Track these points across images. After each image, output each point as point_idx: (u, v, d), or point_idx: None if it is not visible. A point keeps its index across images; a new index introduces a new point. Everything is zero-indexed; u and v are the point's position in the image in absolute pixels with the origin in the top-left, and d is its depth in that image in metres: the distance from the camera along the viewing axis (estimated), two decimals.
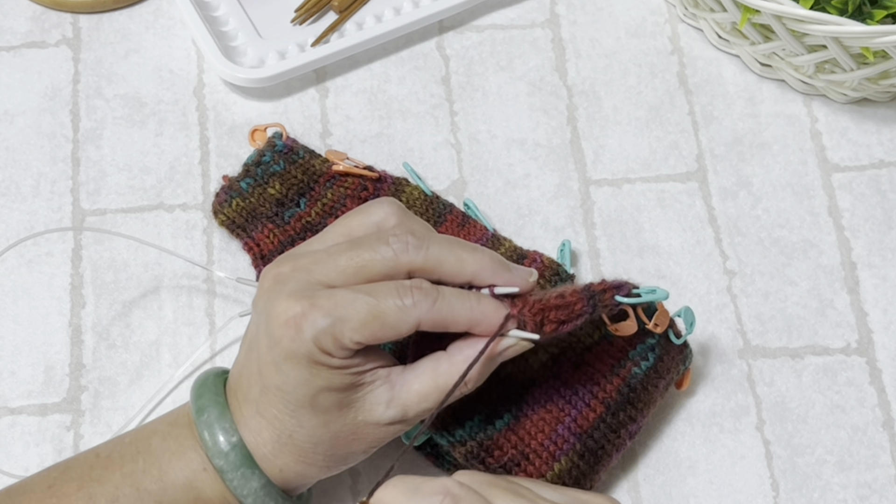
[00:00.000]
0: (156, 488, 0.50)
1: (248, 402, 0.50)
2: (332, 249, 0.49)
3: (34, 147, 0.68)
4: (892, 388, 0.63)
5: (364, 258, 0.48)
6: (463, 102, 0.71)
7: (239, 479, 0.50)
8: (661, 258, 0.66)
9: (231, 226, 0.64)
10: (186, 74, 0.71)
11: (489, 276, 0.50)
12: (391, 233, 0.49)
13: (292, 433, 0.49)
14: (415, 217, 0.52)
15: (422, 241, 0.49)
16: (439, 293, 0.48)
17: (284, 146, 0.66)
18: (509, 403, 0.54)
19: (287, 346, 0.47)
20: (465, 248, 0.50)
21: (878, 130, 0.71)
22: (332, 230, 0.52)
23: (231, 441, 0.50)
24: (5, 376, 0.62)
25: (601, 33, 0.73)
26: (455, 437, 0.53)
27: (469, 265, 0.49)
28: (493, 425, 0.54)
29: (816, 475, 0.60)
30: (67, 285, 0.64)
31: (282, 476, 0.50)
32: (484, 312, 0.49)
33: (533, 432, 0.54)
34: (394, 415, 0.49)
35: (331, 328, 0.47)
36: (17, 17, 0.72)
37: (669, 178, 0.69)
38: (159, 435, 0.52)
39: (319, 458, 0.50)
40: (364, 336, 0.47)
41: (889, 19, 0.66)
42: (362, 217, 0.52)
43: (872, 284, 0.66)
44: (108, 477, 0.50)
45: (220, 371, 0.53)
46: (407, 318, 0.47)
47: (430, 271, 0.49)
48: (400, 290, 0.48)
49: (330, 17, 0.73)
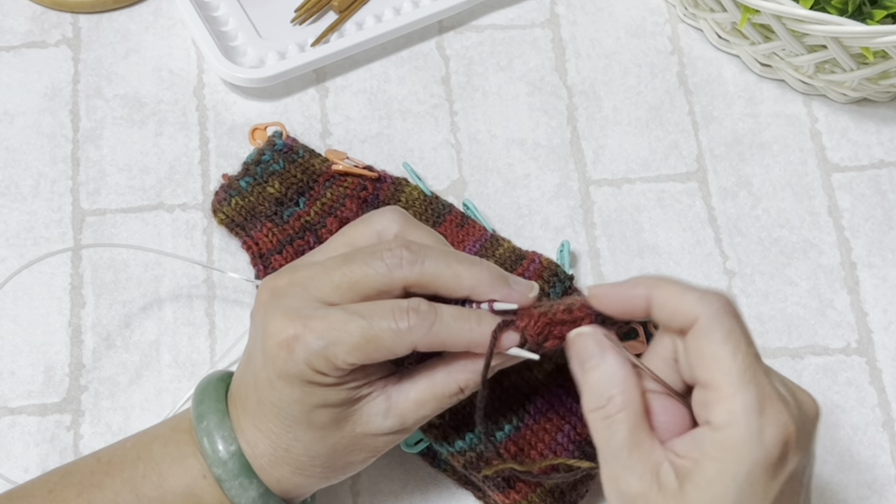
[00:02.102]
0: (155, 494, 0.50)
1: (246, 415, 0.50)
2: (328, 263, 0.49)
3: (34, 147, 0.68)
4: (892, 388, 0.63)
5: (357, 274, 0.47)
6: (463, 102, 0.71)
7: (237, 488, 0.49)
8: (661, 258, 0.66)
9: (230, 224, 0.64)
10: (186, 74, 0.71)
11: (487, 291, 0.48)
12: (385, 247, 0.48)
13: (289, 447, 0.49)
14: (418, 226, 0.51)
15: (417, 255, 0.48)
16: (437, 316, 0.47)
17: (284, 145, 0.66)
18: (511, 414, 0.54)
19: (280, 366, 0.47)
20: (463, 262, 0.48)
21: (878, 130, 0.71)
22: (335, 241, 0.51)
23: (230, 450, 0.49)
24: (5, 376, 0.62)
25: (601, 33, 0.73)
26: (455, 447, 0.53)
27: (466, 280, 0.48)
28: (494, 437, 0.53)
29: (816, 475, 0.60)
30: (67, 285, 0.64)
31: (280, 486, 0.50)
32: (484, 335, 0.47)
33: (533, 441, 0.54)
34: (392, 425, 0.49)
35: (323, 351, 0.46)
36: (17, 17, 0.72)
37: (669, 178, 0.69)
38: (161, 440, 0.51)
39: (318, 469, 0.50)
40: (357, 358, 0.46)
41: (889, 19, 0.65)
42: (364, 227, 0.51)
43: (872, 284, 0.66)
44: (108, 482, 0.50)
45: (223, 375, 0.53)
46: (401, 341, 0.46)
47: (426, 286, 0.48)
48: (396, 312, 0.47)
49: (330, 17, 0.73)
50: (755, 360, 0.44)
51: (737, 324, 0.44)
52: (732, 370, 0.43)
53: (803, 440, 0.44)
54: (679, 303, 0.45)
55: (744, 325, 0.45)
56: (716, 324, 0.44)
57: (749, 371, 0.43)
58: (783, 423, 0.43)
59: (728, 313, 0.44)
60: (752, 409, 0.42)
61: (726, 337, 0.44)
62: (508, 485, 0.54)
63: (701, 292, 0.45)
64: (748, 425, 0.42)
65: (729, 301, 0.45)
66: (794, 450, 0.43)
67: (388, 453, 0.59)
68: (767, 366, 0.45)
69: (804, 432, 0.44)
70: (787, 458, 0.43)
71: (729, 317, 0.44)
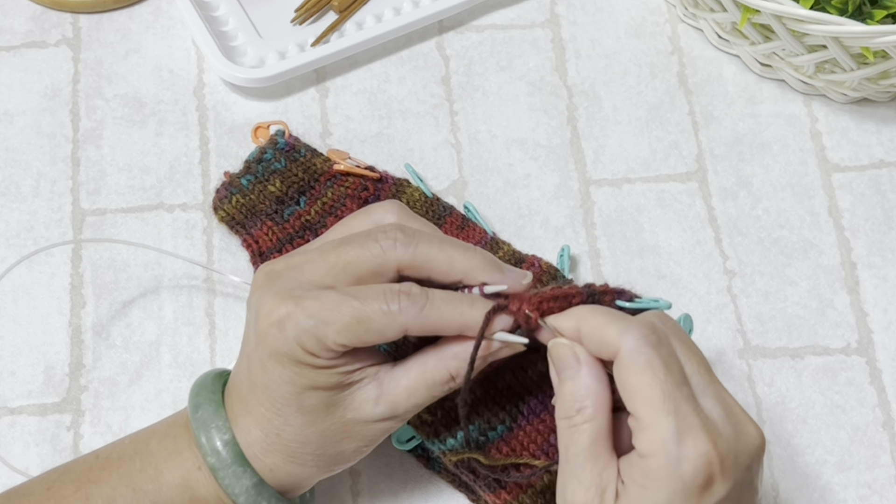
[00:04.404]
0: (151, 488, 0.50)
1: (240, 400, 0.50)
2: (325, 247, 0.49)
3: (34, 147, 0.68)
4: (892, 388, 0.63)
5: (351, 255, 0.48)
6: (463, 102, 0.71)
7: (231, 478, 0.49)
8: (661, 258, 0.66)
9: (230, 222, 0.64)
10: (186, 74, 0.71)
11: (479, 275, 0.49)
12: (380, 230, 0.49)
13: (279, 432, 0.49)
14: (416, 218, 0.52)
15: (410, 237, 0.48)
16: (428, 299, 0.47)
17: (286, 144, 0.66)
18: (504, 414, 0.54)
19: (271, 344, 0.47)
20: (457, 246, 0.49)
21: (878, 130, 0.71)
22: (333, 230, 0.52)
23: (224, 439, 0.50)
24: (5, 376, 0.62)
25: (601, 33, 0.73)
26: (446, 445, 0.53)
27: (458, 263, 0.48)
28: (487, 437, 0.53)
29: (816, 475, 0.60)
30: (67, 285, 0.64)
31: (273, 476, 0.50)
32: (476, 318, 0.48)
33: (525, 442, 0.53)
34: (383, 412, 0.49)
35: (314, 330, 0.46)
36: (17, 17, 0.72)
37: (669, 178, 0.69)
38: (157, 435, 0.52)
39: (309, 457, 0.50)
40: (348, 339, 0.47)
41: (889, 19, 0.66)
42: (363, 217, 0.51)
43: (872, 284, 0.66)
44: (105, 478, 0.50)
45: (221, 371, 0.53)
46: (392, 323, 0.47)
47: (419, 268, 0.48)
48: (387, 294, 0.47)
49: (330, 17, 0.73)
50: (676, 388, 0.44)
51: (656, 353, 0.45)
52: (651, 401, 0.44)
53: (731, 469, 0.44)
54: (602, 335, 0.46)
55: (668, 352, 0.45)
56: (634, 355, 0.45)
57: (668, 401, 0.44)
58: (703, 452, 0.44)
59: (648, 343, 0.45)
60: (669, 440, 0.44)
61: (644, 368, 0.45)
62: (499, 485, 0.54)
63: (624, 324, 0.46)
64: (666, 455, 0.44)
65: (654, 330, 0.46)
66: (719, 478, 0.44)
67: (387, 453, 0.59)
68: (717, 388, 0.46)
69: (734, 461, 0.44)
70: (712, 487, 0.44)
71: (648, 347, 0.45)
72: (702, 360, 0.47)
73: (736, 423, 0.46)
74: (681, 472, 0.44)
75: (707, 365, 0.47)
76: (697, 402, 0.45)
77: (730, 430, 0.45)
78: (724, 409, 0.46)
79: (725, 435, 0.45)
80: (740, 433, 0.46)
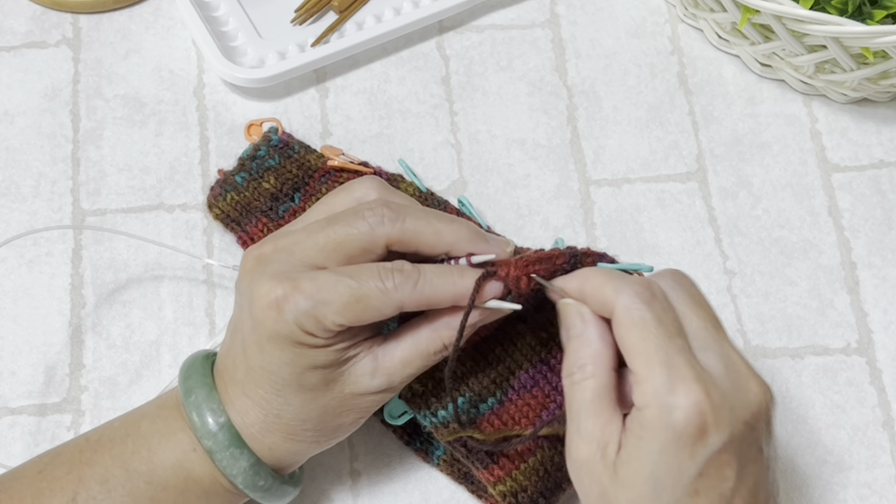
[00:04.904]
0: (145, 469, 0.50)
1: (235, 384, 0.50)
2: (311, 227, 0.50)
3: (34, 147, 0.68)
4: (892, 388, 0.63)
5: (341, 234, 0.49)
6: (463, 102, 0.71)
7: (228, 459, 0.50)
8: (661, 258, 0.66)
9: (225, 219, 0.64)
10: (186, 74, 0.71)
11: (466, 246, 0.50)
12: (367, 206, 0.49)
13: (279, 412, 0.50)
14: (395, 191, 0.52)
15: (397, 213, 0.49)
16: (420, 274, 0.48)
17: (280, 141, 0.66)
18: (495, 387, 0.54)
19: (270, 327, 0.48)
20: (443, 219, 0.50)
21: (878, 130, 0.71)
22: (315, 209, 0.52)
23: (219, 422, 0.50)
24: (5, 376, 0.62)
25: (601, 33, 0.73)
26: (438, 417, 0.53)
27: (446, 235, 0.49)
28: (477, 409, 0.54)
29: (816, 475, 0.60)
30: (67, 285, 0.64)
31: (272, 454, 0.51)
32: (467, 286, 0.49)
33: (517, 417, 0.54)
34: (379, 384, 0.50)
35: (313, 310, 0.47)
36: (17, 17, 0.72)
37: (669, 178, 0.69)
38: (148, 418, 0.52)
39: (308, 433, 0.51)
40: (346, 318, 0.47)
41: (889, 19, 0.66)
42: (344, 194, 0.52)
43: (872, 284, 0.66)
44: (97, 459, 0.51)
45: (207, 353, 0.54)
46: (389, 300, 0.47)
47: (408, 243, 0.49)
48: (381, 272, 0.48)
49: (330, 17, 0.73)
50: (667, 340, 0.45)
51: (648, 308, 0.46)
52: (644, 353, 0.45)
53: (727, 421, 0.45)
54: (601, 295, 0.47)
55: (662, 307, 0.47)
56: (627, 312, 0.46)
57: (659, 353, 0.45)
58: (695, 401, 0.44)
59: (640, 300, 0.46)
60: (661, 389, 0.45)
61: (636, 323, 0.46)
62: (492, 459, 0.54)
63: (619, 282, 0.47)
64: (658, 405, 0.45)
65: (647, 287, 0.47)
66: (713, 428, 0.44)
67: (388, 452, 0.59)
68: (723, 344, 0.47)
69: (730, 413, 0.45)
70: (706, 438, 0.44)
71: (640, 303, 0.46)
72: (710, 316, 0.48)
73: (737, 378, 0.46)
74: (672, 420, 0.44)
75: (716, 322, 0.48)
76: (693, 354, 0.46)
77: (728, 384, 0.46)
78: (725, 364, 0.46)
79: (722, 387, 0.45)
80: (740, 387, 0.46)
